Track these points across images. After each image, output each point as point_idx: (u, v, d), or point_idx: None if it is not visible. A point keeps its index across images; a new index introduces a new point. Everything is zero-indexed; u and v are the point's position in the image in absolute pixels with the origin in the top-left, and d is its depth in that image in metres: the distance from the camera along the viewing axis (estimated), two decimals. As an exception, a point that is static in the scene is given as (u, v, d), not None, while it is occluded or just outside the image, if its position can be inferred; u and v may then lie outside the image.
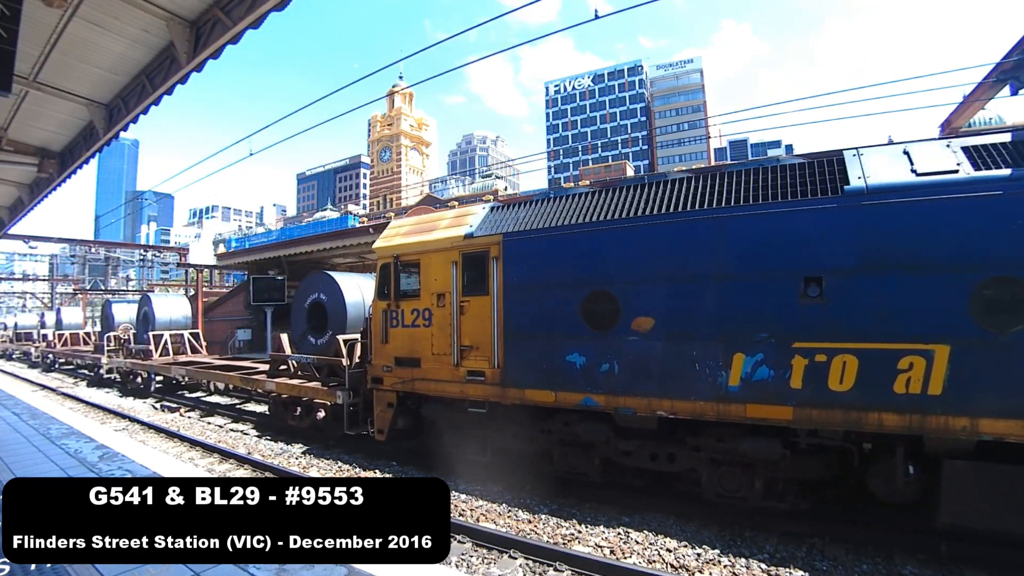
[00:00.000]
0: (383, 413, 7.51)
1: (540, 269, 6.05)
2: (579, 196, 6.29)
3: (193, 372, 13.33)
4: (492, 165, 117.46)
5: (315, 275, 11.92)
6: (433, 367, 6.86)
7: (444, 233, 7.05)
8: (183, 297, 19.29)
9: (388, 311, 7.40)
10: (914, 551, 4.62)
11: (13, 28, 4.34)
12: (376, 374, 7.56)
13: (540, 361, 5.95)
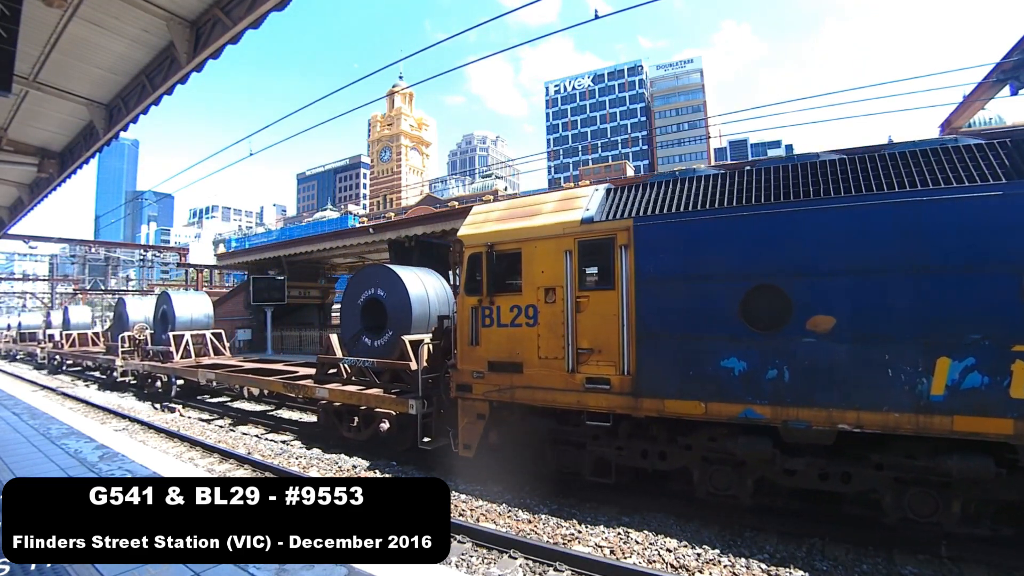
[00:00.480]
0: (471, 426, 6.52)
1: (686, 259, 5.20)
2: (735, 175, 5.45)
3: (224, 376, 12.05)
4: (492, 165, 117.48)
5: (371, 268, 10.69)
6: (539, 373, 5.92)
7: (553, 218, 6.10)
8: (204, 295, 17.73)
9: (479, 308, 6.43)
10: (914, 551, 4.62)
11: (13, 28, 4.34)
12: (463, 381, 6.56)
13: (685, 367, 5.12)
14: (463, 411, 6.65)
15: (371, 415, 8.25)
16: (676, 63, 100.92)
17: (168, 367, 14.09)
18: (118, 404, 13.86)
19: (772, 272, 4.84)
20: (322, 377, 9.47)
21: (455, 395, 6.71)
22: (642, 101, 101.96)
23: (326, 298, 25.93)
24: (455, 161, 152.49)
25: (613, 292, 5.56)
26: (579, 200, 6.17)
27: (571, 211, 6.08)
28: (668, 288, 5.30)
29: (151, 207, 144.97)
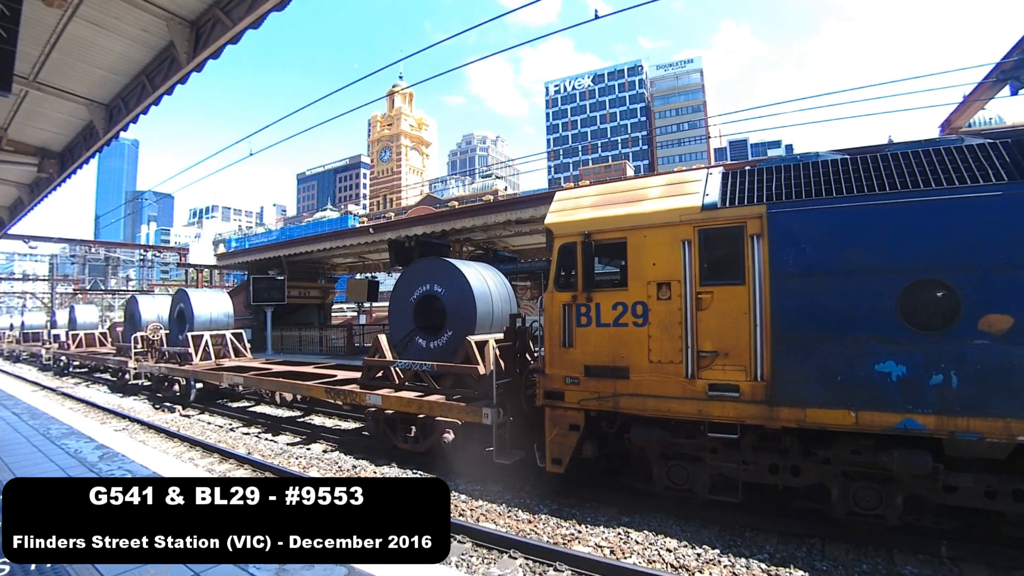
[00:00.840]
0: (563, 438, 5.80)
1: (833, 251, 4.66)
2: (891, 157, 4.92)
3: (254, 381, 10.97)
4: (492, 165, 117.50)
5: (426, 262, 9.50)
6: (650, 379, 5.29)
7: (665, 203, 5.45)
8: (223, 292, 16.57)
9: (573, 306, 5.74)
10: (914, 551, 4.62)
11: (13, 28, 4.35)
12: (553, 387, 5.83)
13: (832, 371, 4.58)
14: (553, 422, 5.87)
15: (432, 425, 7.41)
16: (676, 63, 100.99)
17: (187, 370, 13.08)
18: (118, 404, 13.86)
19: (936, 266, 4.32)
20: (368, 382, 8.67)
21: (542, 403, 5.93)
22: (642, 101, 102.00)
23: (326, 298, 25.93)
24: (455, 161, 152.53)
25: (743, 287, 4.94)
26: (692, 184, 5.54)
27: (687, 196, 5.41)
28: (811, 283, 4.71)
29: (151, 207, 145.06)
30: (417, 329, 8.65)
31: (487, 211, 13.50)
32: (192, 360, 13.36)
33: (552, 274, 6.01)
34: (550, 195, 14.49)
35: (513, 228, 14.41)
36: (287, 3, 4.99)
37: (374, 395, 8.05)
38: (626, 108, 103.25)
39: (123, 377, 15.87)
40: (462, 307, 8.15)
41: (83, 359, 20.89)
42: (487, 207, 14.27)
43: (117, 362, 16.76)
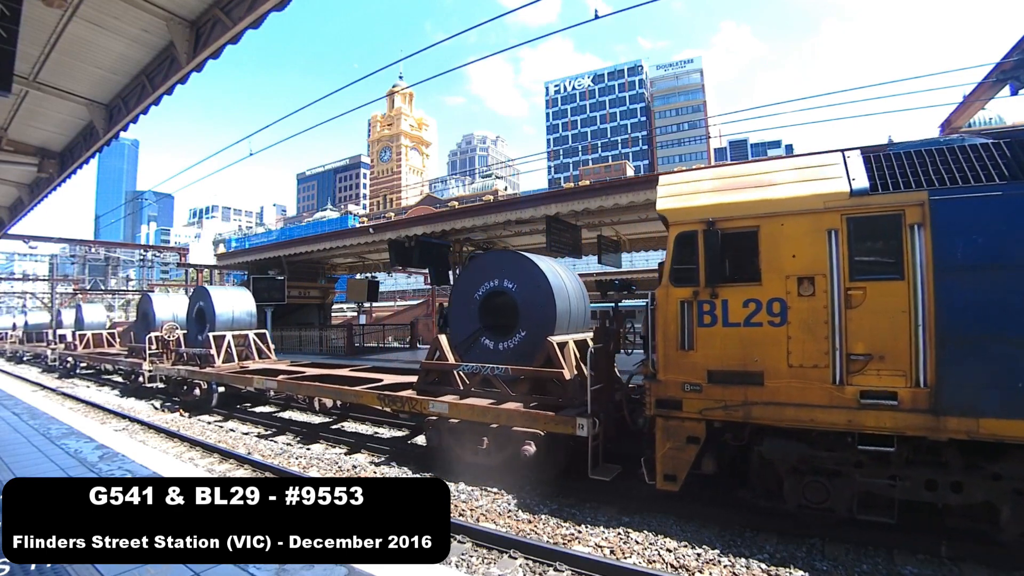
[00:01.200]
0: (679, 452, 5.18)
1: (1013, 241, 4.16)
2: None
3: (291, 385, 10.08)
4: (492, 165, 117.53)
5: (495, 255, 8.70)
6: (789, 385, 4.74)
7: (805, 188, 4.93)
8: (245, 290, 15.47)
9: (695, 303, 5.16)
10: (914, 551, 4.62)
11: (13, 28, 4.34)
12: (668, 395, 5.23)
13: (1013, 376, 4.11)
14: (666, 434, 5.24)
15: (507, 435, 6.72)
16: (676, 63, 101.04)
17: (210, 373, 12.17)
18: (118, 404, 13.86)
19: None
20: (426, 387, 7.98)
21: (653, 413, 5.30)
22: (642, 101, 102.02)
23: (326, 298, 25.92)
24: (455, 161, 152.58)
25: (901, 283, 4.46)
26: (830, 167, 5.01)
27: (829, 180, 4.88)
28: (987, 278, 4.21)
29: (151, 207, 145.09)
30: (483, 329, 7.93)
31: (487, 211, 13.49)
32: (214, 362, 12.55)
33: (667, 267, 5.38)
34: (550, 195, 14.48)
35: (513, 228, 14.39)
36: (287, 3, 4.99)
37: (439, 403, 7.30)
38: (626, 108, 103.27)
39: (136, 380, 15.19)
40: (539, 304, 7.46)
41: (92, 360, 20.10)
42: (487, 207, 14.26)
43: (130, 364, 15.99)
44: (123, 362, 16.68)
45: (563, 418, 6.21)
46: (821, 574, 4.40)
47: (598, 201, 11.13)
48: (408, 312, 33.27)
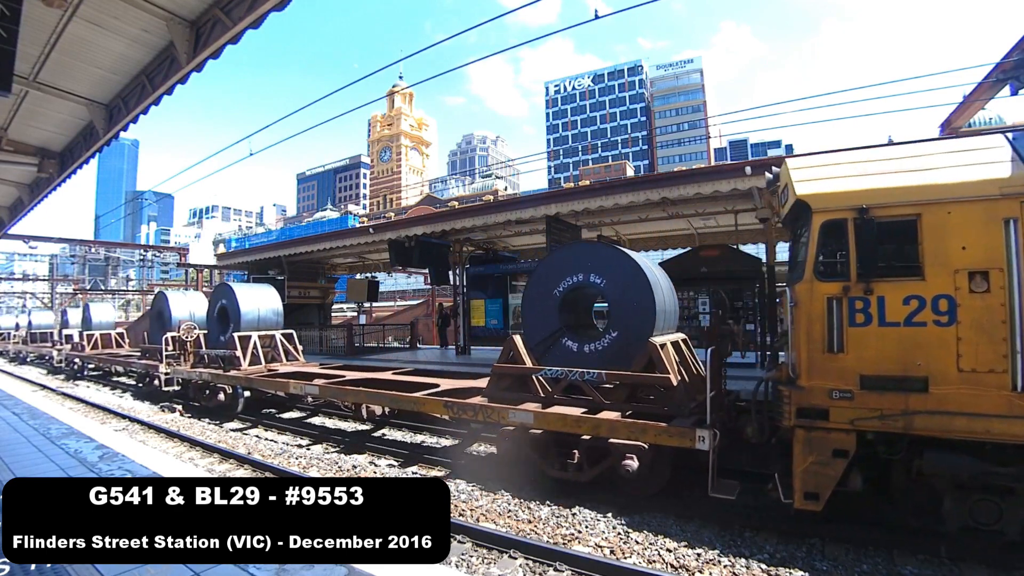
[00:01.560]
0: (823, 466, 4.64)
1: None
2: None
3: (336, 391, 9.33)
4: (492, 165, 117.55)
5: (579, 246, 7.86)
6: (959, 392, 4.30)
7: (972, 173, 4.46)
8: (270, 287, 14.44)
9: (845, 299, 4.67)
10: (914, 551, 4.62)
11: (13, 28, 4.35)
12: (812, 403, 4.70)
13: None
14: (809, 446, 4.69)
15: (602, 448, 6.07)
16: (676, 63, 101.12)
17: (238, 376, 11.31)
18: (118, 404, 13.86)
19: None
20: (498, 393, 7.23)
21: (793, 423, 4.73)
22: (642, 101, 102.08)
23: (326, 298, 25.92)
24: (455, 161, 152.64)
25: None
26: (998, 150, 4.56)
27: (1000, 164, 4.41)
28: None
29: (151, 207, 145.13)
30: (563, 329, 7.23)
31: (487, 211, 13.48)
32: (240, 365, 11.67)
33: (810, 259, 4.80)
34: (550, 195, 14.46)
35: (513, 228, 14.39)
36: (287, 3, 4.99)
37: (521, 412, 6.55)
38: (626, 108, 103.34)
39: (151, 383, 14.33)
40: (634, 301, 6.72)
41: (102, 362, 19.11)
42: (487, 207, 14.26)
43: (144, 366, 15.00)
44: (137, 364, 15.69)
45: (679, 429, 5.51)
46: (821, 574, 4.40)
47: (598, 201, 11.12)
48: (408, 312, 33.25)
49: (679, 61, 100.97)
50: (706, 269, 12.16)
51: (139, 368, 15.41)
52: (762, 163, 9.72)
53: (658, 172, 52.46)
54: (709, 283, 12.18)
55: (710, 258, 12.28)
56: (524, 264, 16.18)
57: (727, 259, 12.16)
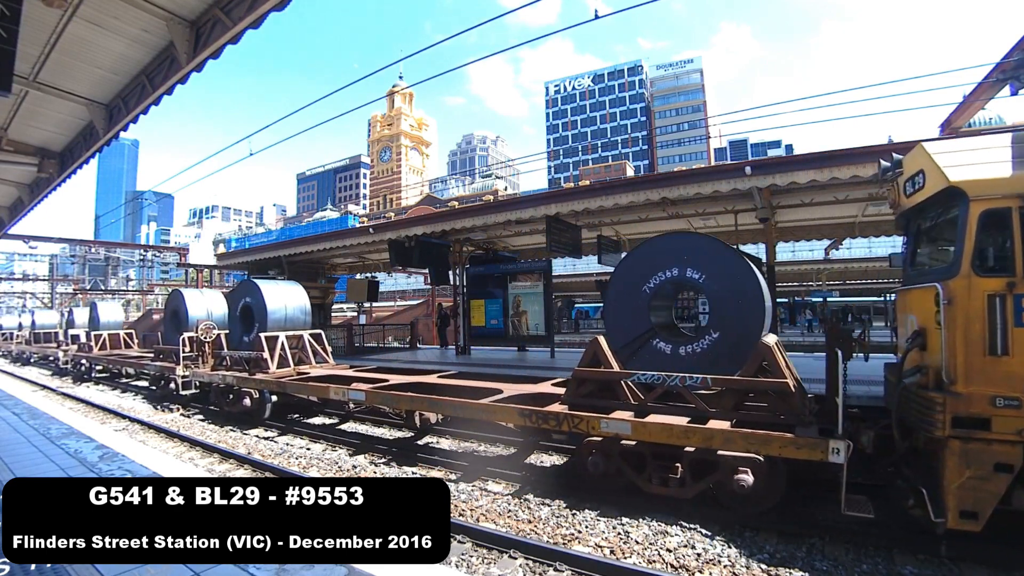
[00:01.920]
0: (982, 482, 4.24)
1: None
2: None
3: (388, 397, 8.35)
4: (492, 165, 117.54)
5: (672, 239, 7.07)
6: None
7: None
8: (297, 284, 13.48)
9: (1009, 296, 4.28)
10: (914, 551, 4.62)
11: (13, 28, 4.35)
12: (971, 411, 4.29)
13: None
14: (965, 459, 4.25)
15: (709, 461, 5.54)
16: (676, 63, 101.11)
17: (267, 380, 10.50)
18: (118, 404, 13.86)
19: None
20: (579, 400, 6.63)
21: (947, 433, 4.29)
22: (642, 101, 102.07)
23: (326, 298, 25.92)
24: (455, 161, 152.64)
25: None
26: None
27: None
28: None
29: (151, 207, 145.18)
30: (654, 329, 6.63)
31: (487, 211, 13.48)
32: (268, 367, 10.90)
33: (967, 253, 4.37)
34: (550, 195, 14.47)
35: (513, 228, 14.40)
36: (287, 3, 5.00)
37: (617, 421, 5.89)
38: (626, 108, 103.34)
39: (166, 386, 13.60)
40: (738, 299, 6.08)
41: (112, 363, 18.18)
42: (487, 207, 14.26)
43: (159, 368, 14.00)
44: (151, 366, 14.60)
45: (807, 440, 4.96)
46: (821, 574, 4.39)
47: (598, 201, 11.12)
48: (408, 312, 33.28)
49: (679, 61, 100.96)
50: None
51: (153, 370, 14.41)
52: (762, 163, 9.74)
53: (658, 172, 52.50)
54: (709, 283, 12.15)
55: (710, 258, 12.25)
56: (524, 264, 16.18)
57: (727, 259, 12.14)
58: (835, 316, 6.18)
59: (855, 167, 8.86)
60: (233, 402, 11.25)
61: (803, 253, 30.73)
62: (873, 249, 29.81)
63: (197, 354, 12.50)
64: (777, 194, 11.02)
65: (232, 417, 11.33)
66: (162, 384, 13.92)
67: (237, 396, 11.15)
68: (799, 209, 12.38)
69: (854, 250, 29.73)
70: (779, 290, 25.98)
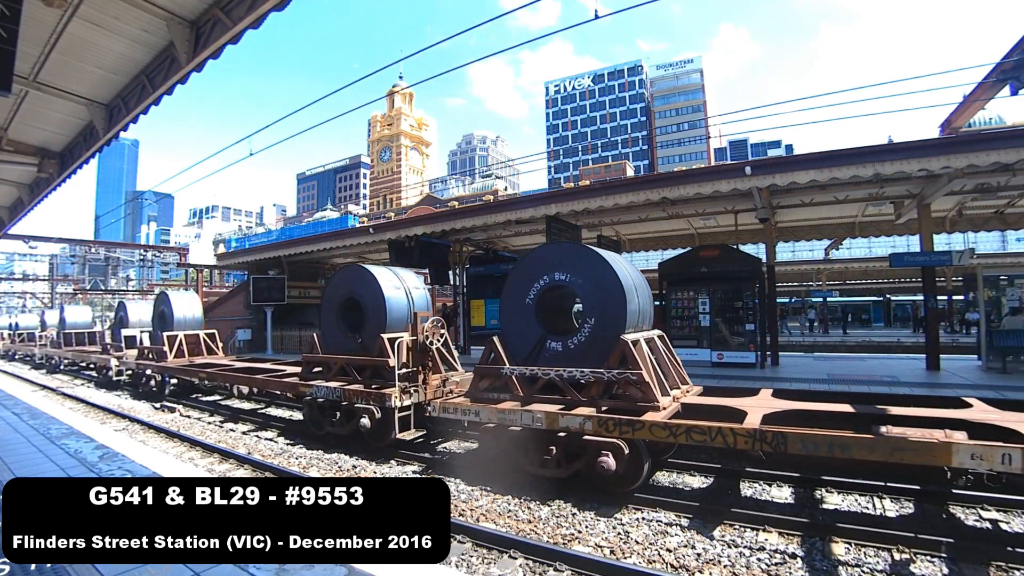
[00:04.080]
0: None
1: None
2: None
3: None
4: (492, 165, 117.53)
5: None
6: None
7: None
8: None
9: None
10: (914, 551, 4.62)
11: (13, 28, 4.35)
12: None
13: None
14: None
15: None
16: (676, 63, 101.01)
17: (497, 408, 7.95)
18: (118, 404, 13.86)
19: None
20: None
21: None
22: (642, 101, 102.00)
23: (326, 298, 25.98)
24: (455, 161, 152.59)
25: None
26: None
27: None
28: None
29: (151, 207, 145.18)
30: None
31: (487, 211, 13.50)
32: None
33: None
34: (550, 195, 14.47)
35: (513, 228, 14.42)
36: (287, 3, 5.00)
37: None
38: (626, 108, 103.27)
39: None
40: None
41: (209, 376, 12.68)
42: (487, 207, 14.27)
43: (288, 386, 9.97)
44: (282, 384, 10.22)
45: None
46: (821, 574, 4.39)
47: (598, 201, 11.13)
48: (408, 312, 33.20)
49: (679, 61, 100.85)
50: (706, 269, 12.16)
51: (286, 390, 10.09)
52: (762, 163, 9.73)
53: (658, 172, 52.45)
54: (709, 283, 12.18)
55: (710, 258, 12.27)
56: (524, 264, 16.17)
57: (727, 259, 12.16)
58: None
59: (855, 167, 8.87)
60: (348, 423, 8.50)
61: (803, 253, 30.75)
62: (873, 249, 29.81)
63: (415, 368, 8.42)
64: (777, 194, 11.03)
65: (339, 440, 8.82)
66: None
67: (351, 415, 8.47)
68: (799, 209, 12.40)
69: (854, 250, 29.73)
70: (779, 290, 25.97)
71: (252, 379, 11.31)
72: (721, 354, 12.06)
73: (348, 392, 8.51)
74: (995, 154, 8.15)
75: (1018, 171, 9.10)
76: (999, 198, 11.80)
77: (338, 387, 8.74)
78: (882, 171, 8.78)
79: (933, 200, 10.63)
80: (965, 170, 8.80)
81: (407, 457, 8.10)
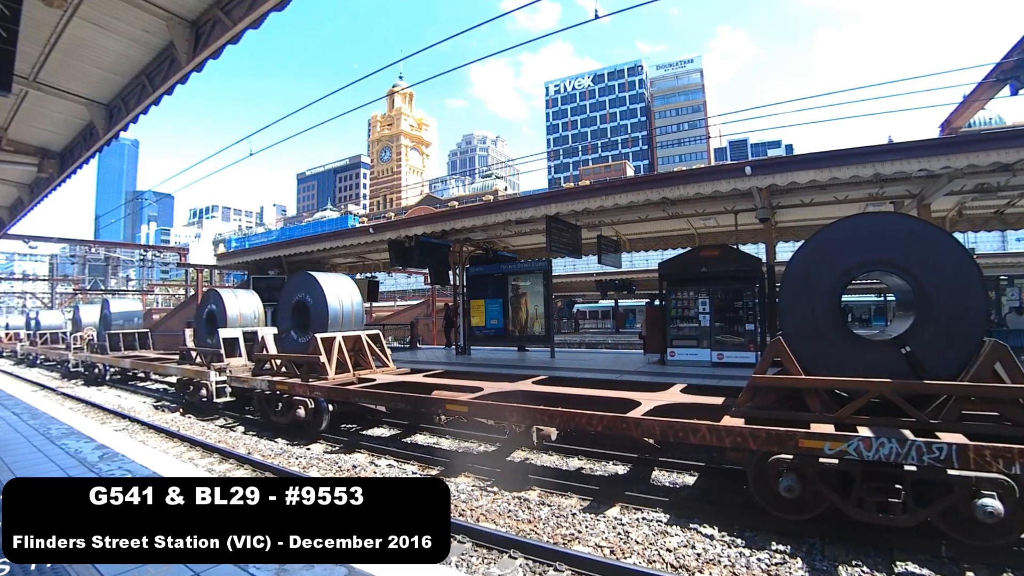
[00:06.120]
0: None
1: None
2: None
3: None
4: (492, 165, 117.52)
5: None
6: None
7: None
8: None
9: None
10: (914, 551, 4.62)
11: (13, 28, 4.35)
12: None
13: None
14: None
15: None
16: (676, 63, 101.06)
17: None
18: (118, 404, 13.86)
19: None
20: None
21: None
22: (642, 101, 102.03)
23: (326, 298, 25.97)
24: (455, 161, 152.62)
25: None
26: None
27: None
28: None
29: (151, 207, 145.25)
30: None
31: (487, 211, 13.49)
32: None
33: None
34: (550, 195, 14.48)
35: (513, 228, 14.40)
36: (287, 3, 5.00)
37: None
38: (626, 108, 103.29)
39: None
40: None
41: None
42: (487, 207, 14.27)
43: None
44: None
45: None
46: (821, 574, 4.39)
47: (598, 201, 11.13)
48: (408, 312, 33.26)
49: (679, 61, 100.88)
50: (706, 269, 12.15)
51: None
52: (762, 163, 9.73)
53: (658, 172, 52.43)
54: (709, 283, 12.17)
55: (710, 258, 12.26)
56: (524, 264, 16.18)
57: (727, 259, 12.15)
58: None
59: (855, 167, 8.86)
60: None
61: (803, 253, 30.65)
62: (873, 249, 29.75)
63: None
64: (777, 194, 11.02)
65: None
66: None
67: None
68: (799, 209, 12.39)
69: (854, 250, 29.70)
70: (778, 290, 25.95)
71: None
72: (721, 354, 12.05)
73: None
74: (995, 154, 8.15)
75: (1018, 171, 9.09)
76: (999, 198, 11.80)
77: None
78: (882, 171, 8.79)
79: (933, 200, 10.63)
80: (965, 170, 8.79)
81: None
